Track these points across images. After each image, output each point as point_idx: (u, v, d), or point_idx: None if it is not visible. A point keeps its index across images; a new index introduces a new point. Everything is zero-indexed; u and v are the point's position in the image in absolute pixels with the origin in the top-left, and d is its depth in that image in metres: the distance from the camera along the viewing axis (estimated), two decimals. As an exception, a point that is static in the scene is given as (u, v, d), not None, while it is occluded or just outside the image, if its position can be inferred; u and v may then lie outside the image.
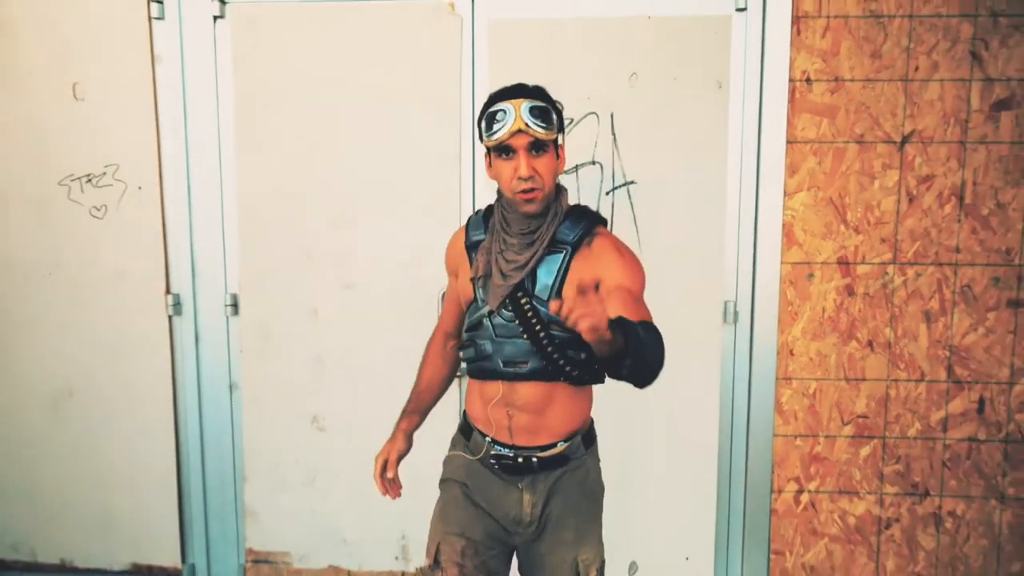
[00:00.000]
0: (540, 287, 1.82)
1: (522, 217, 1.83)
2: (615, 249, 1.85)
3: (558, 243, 1.83)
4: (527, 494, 1.91)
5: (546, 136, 1.76)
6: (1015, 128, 2.72)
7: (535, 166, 1.76)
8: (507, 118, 1.74)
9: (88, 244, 3.02)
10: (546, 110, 1.77)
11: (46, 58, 2.93)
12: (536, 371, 1.84)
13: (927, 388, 2.86)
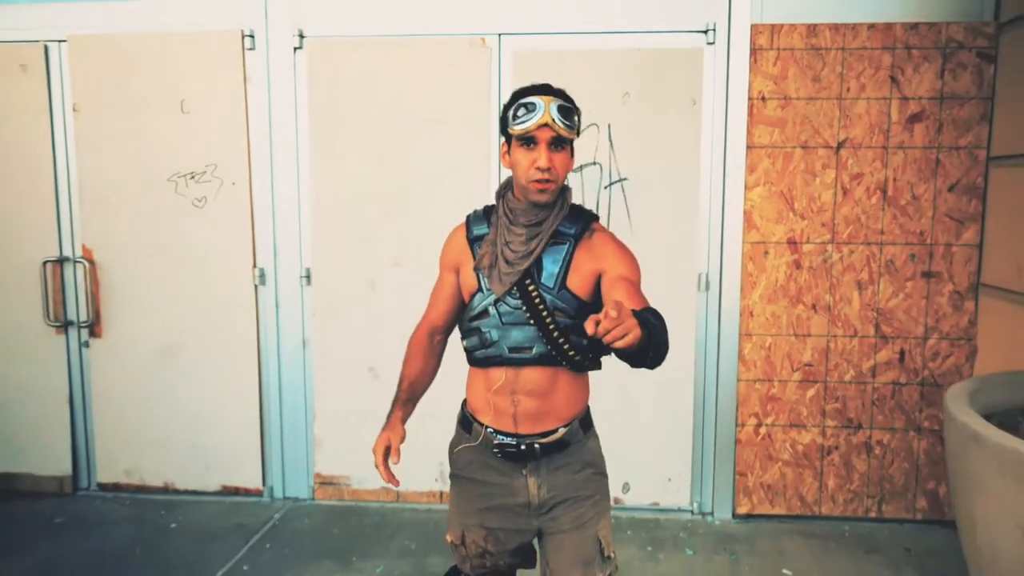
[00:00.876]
0: (546, 275, 1.88)
1: (530, 208, 1.89)
2: (613, 242, 1.94)
3: (560, 235, 1.91)
4: (532, 478, 1.94)
5: (568, 135, 1.83)
6: (925, 136, 3.46)
7: (553, 160, 1.82)
8: (536, 111, 1.80)
9: (191, 228, 3.77)
10: (571, 111, 1.85)
11: (160, 81, 3.69)
12: (541, 356, 1.88)
13: (859, 342, 3.60)
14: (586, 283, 1.90)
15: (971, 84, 3.41)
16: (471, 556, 2.06)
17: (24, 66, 3.76)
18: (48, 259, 3.84)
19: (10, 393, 3.93)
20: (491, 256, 1.91)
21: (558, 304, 1.87)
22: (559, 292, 1.88)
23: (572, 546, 1.93)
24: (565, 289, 1.88)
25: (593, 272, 1.89)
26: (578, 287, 1.89)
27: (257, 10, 3.64)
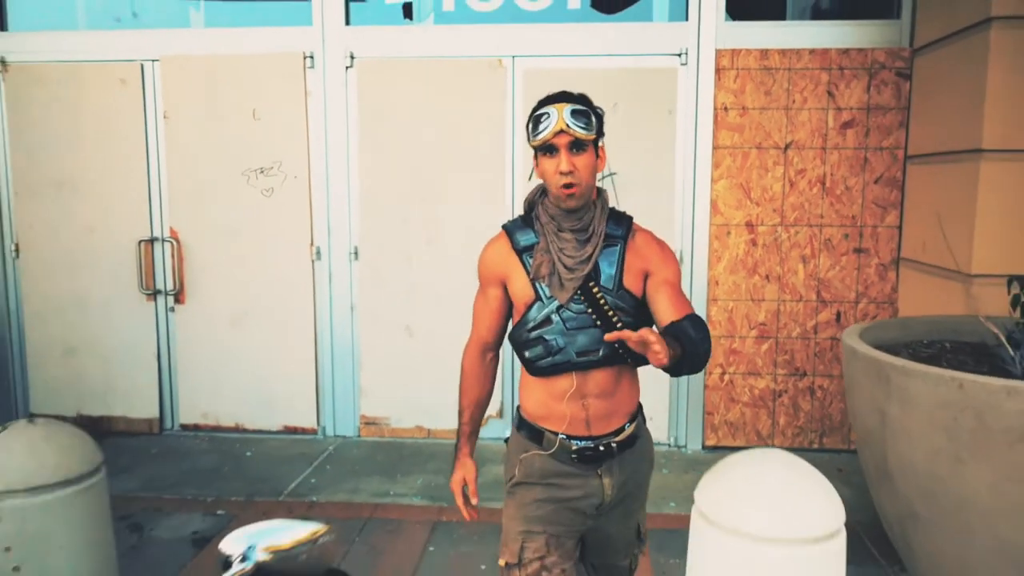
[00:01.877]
0: (604, 277, 1.90)
1: (569, 214, 1.91)
2: (656, 242, 1.98)
3: (609, 237, 1.93)
4: (607, 478, 1.94)
5: (585, 136, 1.84)
6: (856, 139, 4.31)
7: (575, 163, 1.84)
8: (551, 120, 1.85)
9: (260, 214, 4.61)
10: (586, 113, 1.87)
11: (236, 93, 4.53)
12: (607, 357, 1.89)
13: (803, 306, 4.45)
14: (638, 282, 1.93)
15: (891, 97, 4.26)
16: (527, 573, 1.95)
17: (124, 80, 4.59)
18: (142, 239, 4.69)
19: (109, 350, 4.78)
20: (548, 264, 1.91)
21: (619, 304, 1.90)
22: (618, 292, 1.91)
23: (618, 536, 2.05)
24: (624, 289, 1.91)
25: (642, 271, 1.92)
26: (632, 286, 1.92)
27: (316, 36, 4.48)
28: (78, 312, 4.76)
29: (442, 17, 4.51)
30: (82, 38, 4.64)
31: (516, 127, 4.41)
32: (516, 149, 4.42)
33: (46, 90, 4.62)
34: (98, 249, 4.70)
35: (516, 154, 4.42)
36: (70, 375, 4.80)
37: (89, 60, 4.61)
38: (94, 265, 4.72)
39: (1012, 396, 2.36)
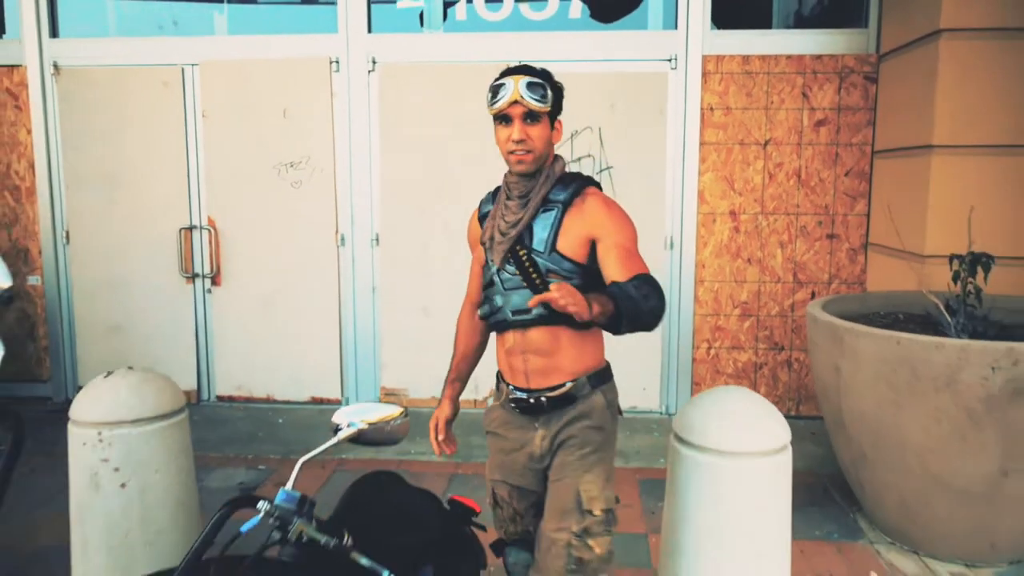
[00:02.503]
0: (536, 240, 1.98)
1: (519, 180, 2.00)
2: (606, 207, 1.98)
3: (551, 202, 1.99)
4: (541, 430, 2.05)
5: (539, 108, 1.92)
6: (828, 136, 4.78)
7: (528, 132, 1.93)
8: (506, 91, 1.93)
9: (289, 204, 5.08)
10: (542, 86, 1.94)
11: (268, 94, 5.00)
12: (541, 316, 1.95)
13: (782, 286, 4.93)
14: (578, 246, 1.97)
15: (860, 98, 4.73)
16: (505, 519, 2.21)
17: (166, 83, 5.06)
18: (182, 227, 5.16)
19: (151, 327, 5.25)
20: (491, 230, 2.07)
21: (550, 267, 1.96)
22: (550, 255, 1.97)
23: (552, 495, 2.02)
24: (556, 252, 1.97)
25: (586, 236, 1.96)
26: (570, 250, 1.97)
27: (341, 43, 4.95)
28: (123, 293, 5.24)
29: (455, 25, 4.98)
30: (128, 44, 5.10)
31: (522, 125, 4.87)
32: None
33: (95, 92, 5.09)
34: (142, 236, 5.17)
35: (522, 150, 4.88)
36: (115, 350, 5.28)
37: (134, 64, 5.07)
38: (138, 250, 5.20)
39: (939, 350, 2.84)
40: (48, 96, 5.14)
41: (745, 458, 2.26)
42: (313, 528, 1.42)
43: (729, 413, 2.32)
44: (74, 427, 2.56)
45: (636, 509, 3.72)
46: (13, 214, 5.26)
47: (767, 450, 2.27)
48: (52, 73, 5.10)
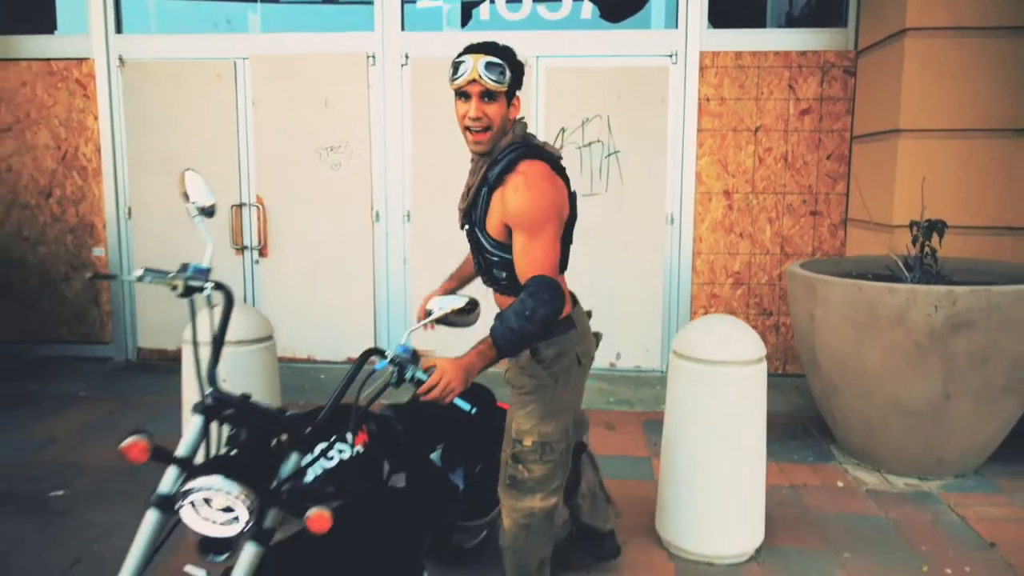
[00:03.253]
0: (476, 220, 2.14)
1: (475, 156, 2.12)
2: (513, 187, 2.01)
3: (486, 180, 2.08)
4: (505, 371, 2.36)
5: (496, 88, 1.98)
6: (812, 123, 5.37)
7: (485, 110, 2.00)
8: (465, 68, 1.99)
9: (330, 184, 5.68)
10: (500, 66, 1.98)
11: (311, 86, 5.60)
12: (501, 286, 2.23)
13: (770, 258, 5.52)
14: (499, 230, 2.08)
15: (840, 90, 5.33)
16: None
17: (219, 75, 5.66)
18: (233, 204, 5.76)
19: (204, 295, 5.84)
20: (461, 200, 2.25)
21: (484, 244, 2.13)
22: (482, 233, 2.13)
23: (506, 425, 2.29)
24: (485, 231, 2.13)
25: (502, 222, 2.05)
26: (494, 231, 2.10)
27: (377, 40, 5.55)
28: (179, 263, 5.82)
29: (480, 24, 5.58)
30: (185, 40, 5.70)
31: (539, 114, 5.48)
32: (538, 130, 5.48)
33: (156, 82, 5.69)
34: (197, 212, 5.76)
35: (538, 134, 5.46)
36: (171, 316, 5.87)
37: (191, 58, 5.67)
38: (192, 225, 5.78)
39: (892, 293, 3.44)
40: (113, 86, 5.74)
41: (728, 366, 2.86)
42: (420, 372, 1.98)
43: (716, 333, 2.91)
44: (187, 347, 3.16)
45: (640, 440, 4.31)
46: (81, 192, 5.86)
47: (745, 360, 2.86)
48: (118, 65, 5.70)
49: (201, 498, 1.60)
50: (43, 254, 5.94)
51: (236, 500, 1.58)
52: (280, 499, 1.71)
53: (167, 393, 5.12)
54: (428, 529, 2.48)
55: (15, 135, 5.82)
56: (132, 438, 1.64)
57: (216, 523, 1.62)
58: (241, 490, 1.58)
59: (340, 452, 1.93)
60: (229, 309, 1.91)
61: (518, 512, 2.26)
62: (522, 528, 2.27)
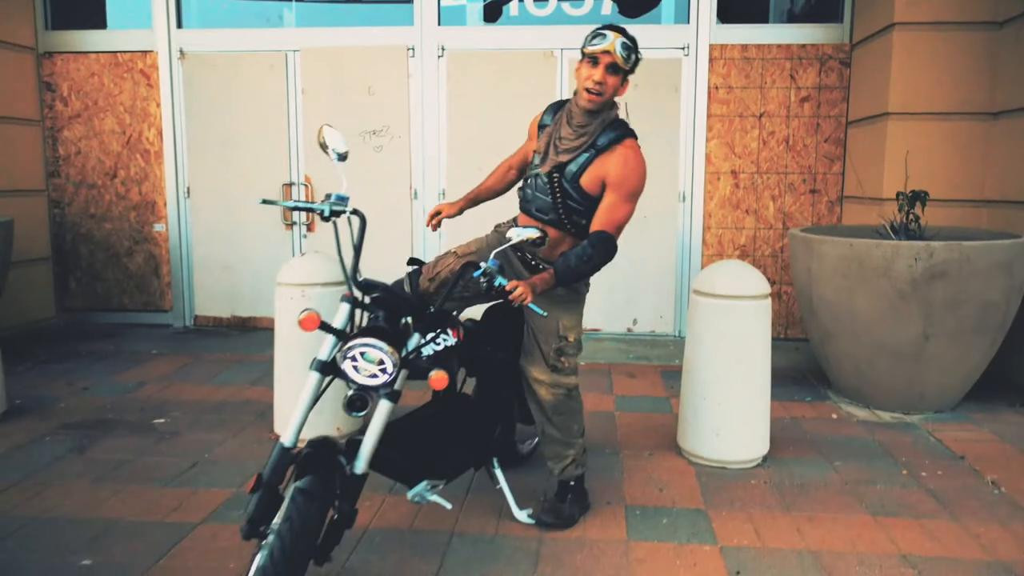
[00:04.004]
0: (569, 170, 2.57)
1: (583, 113, 2.47)
2: (623, 161, 2.48)
3: (594, 146, 2.51)
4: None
5: (622, 63, 2.40)
6: (811, 109, 5.94)
7: (607, 79, 2.40)
8: (605, 40, 2.40)
9: (372, 164, 6.25)
10: (631, 48, 2.41)
11: (356, 75, 6.17)
12: (552, 221, 2.66)
13: (773, 232, 6.08)
14: (594, 184, 2.56)
15: (836, 79, 5.89)
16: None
17: (272, 66, 6.23)
18: (284, 183, 6.33)
19: (256, 266, 6.41)
20: (545, 143, 2.62)
21: (570, 192, 2.59)
22: (573, 185, 2.59)
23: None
24: (578, 184, 2.58)
25: (601, 178, 2.52)
26: (588, 185, 2.57)
27: (416, 34, 6.12)
28: (233, 238, 6.40)
29: (509, 20, 6.15)
30: (240, 34, 6.27)
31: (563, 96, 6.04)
32: (563, 116, 6.05)
33: (213, 73, 6.26)
34: (250, 190, 6.34)
35: (563, 120, 6.05)
36: (226, 285, 6.45)
37: (245, 51, 6.24)
38: (246, 202, 6.36)
39: (878, 248, 4.00)
40: (174, 76, 6.31)
41: (740, 300, 3.42)
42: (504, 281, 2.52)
43: (728, 273, 3.48)
44: (281, 288, 3.73)
45: (659, 385, 4.87)
46: (144, 173, 6.43)
47: (753, 295, 3.43)
48: (179, 57, 6.27)
49: (358, 352, 2.16)
50: (108, 230, 6.50)
51: (386, 355, 2.14)
52: (408, 364, 2.27)
53: (230, 352, 5.71)
54: (496, 424, 3.04)
55: (84, 121, 6.39)
56: (307, 312, 2.20)
57: (365, 375, 2.18)
58: (390, 348, 2.15)
59: (444, 340, 2.48)
60: (363, 228, 2.45)
61: (559, 387, 2.82)
62: (562, 399, 2.84)
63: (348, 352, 2.17)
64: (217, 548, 2.76)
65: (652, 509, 3.11)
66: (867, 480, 3.41)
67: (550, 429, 2.90)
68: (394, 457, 2.48)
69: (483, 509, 3.08)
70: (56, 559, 2.68)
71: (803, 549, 2.79)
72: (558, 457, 2.95)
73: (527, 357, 2.85)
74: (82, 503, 3.11)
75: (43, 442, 3.78)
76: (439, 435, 2.78)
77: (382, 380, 2.18)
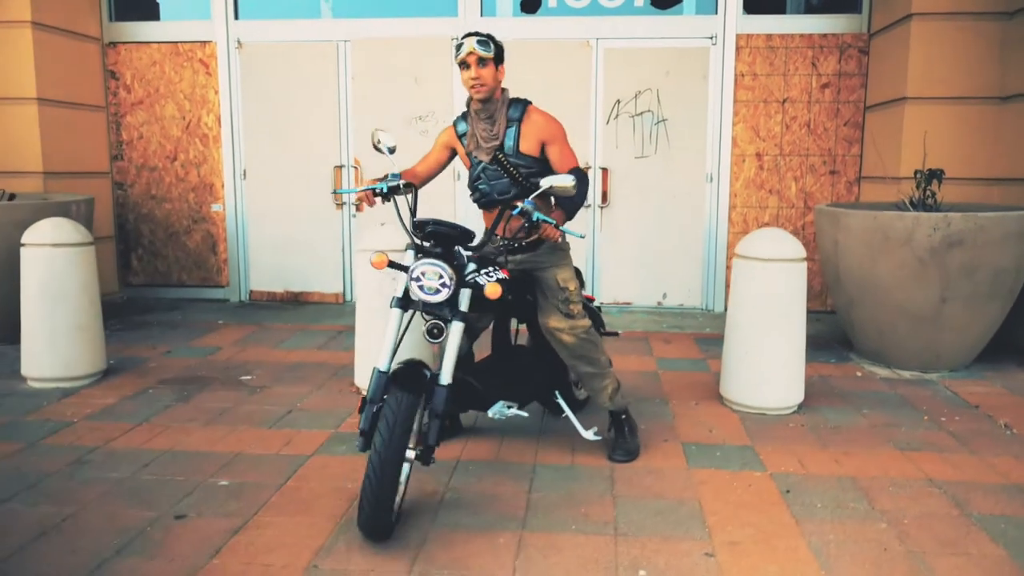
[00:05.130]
0: (506, 146, 3.03)
1: (481, 106, 3.00)
2: (544, 118, 3.06)
3: (510, 120, 3.03)
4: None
5: (485, 55, 2.91)
6: (831, 95, 6.32)
7: (480, 73, 2.93)
8: (464, 46, 2.94)
9: (417, 148, 6.62)
10: (486, 42, 2.93)
11: (403, 64, 6.56)
12: (516, 195, 3.04)
13: (795, 211, 6.48)
14: (533, 147, 3.05)
15: (855, 67, 6.28)
16: None
17: (324, 55, 6.62)
18: (335, 165, 6.73)
19: (308, 244, 6.82)
20: (473, 141, 3.09)
21: (518, 163, 3.04)
22: (517, 155, 3.04)
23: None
24: (520, 153, 3.05)
25: (538, 140, 3.04)
26: (528, 150, 3.05)
27: (460, 24, 6.51)
28: (287, 217, 6.81)
29: (547, 11, 6.54)
30: (295, 25, 6.66)
31: (598, 88, 6.44)
32: (598, 101, 6.45)
33: (269, 61, 6.65)
34: (302, 173, 6.75)
35: (598, 105, 6.46)
36: (280, 262, 6.86)
37: (299, 40, 6.63)
38: (299, 184, 6.77)
39: (900, 219, 4.40)
40: (232, 65, 6.71)
41: (777, 263, 3.83)
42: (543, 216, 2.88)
43: (767, 238, 3.88)
44: (363, 254, 4.13)
45: (695, 349, 5.29)
46: (202, 156, 6.84)
47: (790, 258, 3.83)
48: (236, 47, 6.67)
49: (420, 273, 2.58)
50: (168, 210, 6.92)
51: (444, 270, 2.57)
52: (466, 283, 2.68)
53: (290, 322, 6.13)
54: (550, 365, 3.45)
55: (146, 107, 6.80)
56: (377, 253, 2.61)
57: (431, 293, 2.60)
58: (447, 267, 2.57)
59: (496, 271, 2.87)
60: (416, 196, 2.89)
61: (577, 328, 3.21)
62: (582, 339, 3.22)
63: (413, 275, 2.60)
64: (332, 473, 3.18)
65: (705, 445, 3.53)
66: (893, 424, 3.82)
67: (583, 367, 3.28)
68: (473, 386, 2.95)
69: (558, 446, 3.50)
70: (197, 479, 3.11)
71: (842, 475, 3.21)
72: (601, 389, 3.34)
73: (543, 314, 3.24)
74: (202, 440, 3.54)
75: (148, 394, 4.21)
76: (505, 371, 3.26)
77: (444, 294, 2.59)
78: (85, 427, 3.69)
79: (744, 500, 2.97)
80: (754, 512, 2.87)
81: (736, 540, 2.66)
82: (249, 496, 2.97)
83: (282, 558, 2.52)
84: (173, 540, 2.63)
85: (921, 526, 2.77)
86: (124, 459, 3.31)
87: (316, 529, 2.70)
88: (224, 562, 2.50)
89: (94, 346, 4.39)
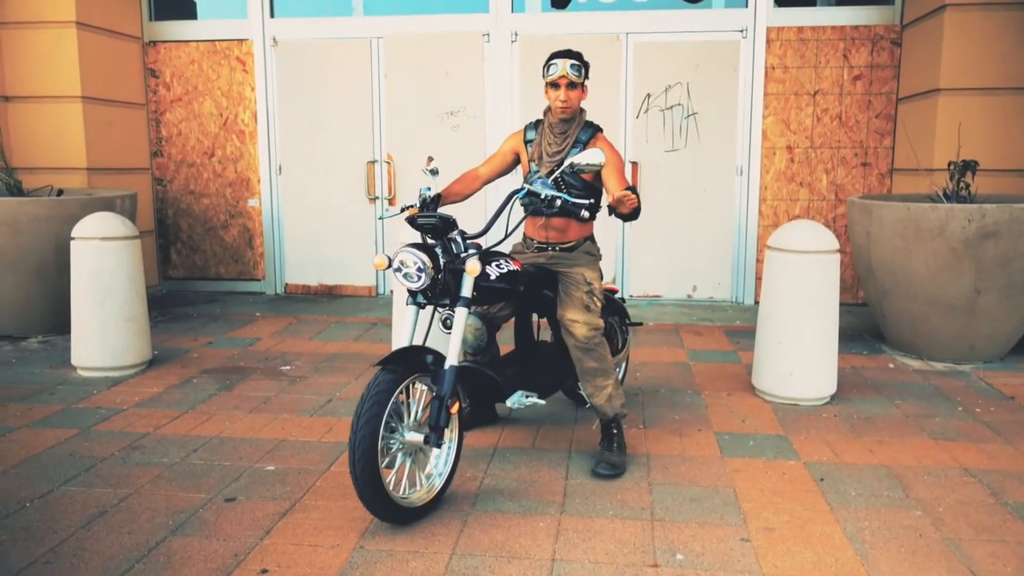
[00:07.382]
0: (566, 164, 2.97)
1: (559, 123, 3.15)
2: (609, 147, 3.13)
3: (578, 141, 3.16)
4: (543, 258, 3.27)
5: (577, 80, 3.06)
6: (863, 87, 6.30)
7: (569, 95, 3.07)
8: (557, 68, 3.03)
9: (450, 141, 6.73)
10: (579, 67, 3.04)
11: (434, 59, 6.64)
12: (560, 211, 3.10)
13: (826, 203, 6.48)
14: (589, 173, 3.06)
15: (888, 59, 6.25)
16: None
17: (357, 51, 6.73)
18: (368, 160, 6.84)
19: (342, 237, 6.94)
20: (538, 151, 3.22)
21: (571, 182, 3.15)
22: (572, 175, 3.13)
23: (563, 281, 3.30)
24: (576, 175, 3.14)
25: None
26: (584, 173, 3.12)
27: (491, 21, 6.57)
28: (321, 211, 6.94)
29: (577, 6, 6.58)
30: (328, 23, 6.77)
31: (628, 82, 6.47)
32: (628, 96, 6.48)
33: (303, 58, 6.77)
34: (337, 168, 6.86)
35: (628, 99, 6.49)
36: (314, 255, 6.98)
37: (333, 38, 6.74)
38: (333, 179, 6.88)
39: (934, 210, 4.40)
40: (268, 62, 6.83)
41: (810, 255, 3.85)
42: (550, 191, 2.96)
43: (800, 230, 3.91)
44: (401, 247, 4.23)
45: (725, 341, 5.32)
46: (239, 152, 6.98)
47: (823, 250, 3.86)
48: (272, 45, 6.80)
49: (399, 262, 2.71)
50: (206, 205, 7.07)
51: (418, 258, 2.68)
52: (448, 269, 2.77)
53: (325, 314, 6.24)
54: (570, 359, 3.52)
55: (184, 104, 6.95)
56: (380, 257, 2.75)
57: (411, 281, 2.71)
58: (422, 255, 2.69)
59: (508, 263, 2.96)
60: (437, 199, 2.97)
61: (591, 324, 3.20)
62: (595, 335, 3.21)
63: (394, 265, 2.74)
64: (374, 459, 3.27)
65: (738, 435, 3.58)
66: (927, 415, 3.84)
67: (588, 361, 3.24)
68: (491, 378, 3.01)
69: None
70: (244, 464, 3.22)
71: (876, 464, 3.24)
72: (600, 388, 3.26)
73: (562, 306, 3.25)
74: (246, 427, 3.66)
75: (192, 383, 4.34)
76: (525, 363, 3.37)
77: (423, 281, 2.70)
78: (135, 414, 3.82)
79: (778, 488, 3.02)
80: (789, 499, 2.92)
81: (771, 526, 2.72)
82: (295, 481, 3.07)
83: (329, 539, 2.62)
84: (224, 521, 2.74)
85: (956, 514, 2.80)
86: (173, 445, 3.44)
87: (360, 513, 2.80)
88: (275, 542, 2.60)
89: (141, 337, 4.53)
